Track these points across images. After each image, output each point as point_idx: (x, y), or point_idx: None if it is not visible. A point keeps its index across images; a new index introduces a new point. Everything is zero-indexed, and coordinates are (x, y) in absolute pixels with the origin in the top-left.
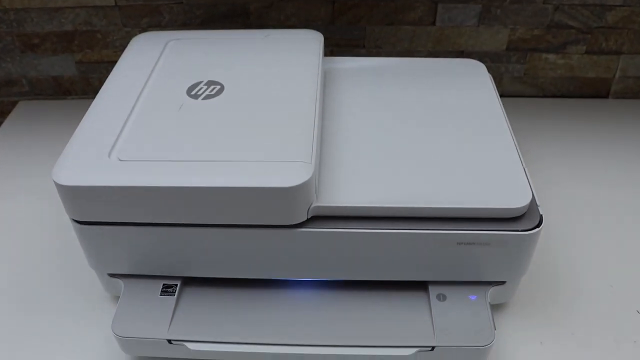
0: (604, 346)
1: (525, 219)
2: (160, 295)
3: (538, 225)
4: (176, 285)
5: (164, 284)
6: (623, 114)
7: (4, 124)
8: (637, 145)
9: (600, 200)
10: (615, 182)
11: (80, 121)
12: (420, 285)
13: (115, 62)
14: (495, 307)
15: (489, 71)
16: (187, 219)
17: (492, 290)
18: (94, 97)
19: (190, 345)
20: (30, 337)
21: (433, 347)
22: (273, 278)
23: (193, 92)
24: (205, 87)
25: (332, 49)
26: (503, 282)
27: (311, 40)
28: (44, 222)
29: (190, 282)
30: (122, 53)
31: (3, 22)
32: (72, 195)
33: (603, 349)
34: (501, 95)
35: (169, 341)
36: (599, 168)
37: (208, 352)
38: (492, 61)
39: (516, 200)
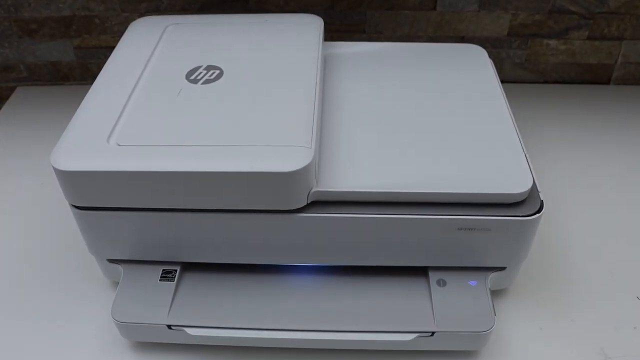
0: (604, 332)
1: (526, 204)
2: (160, 280)
3: (539, 211)
4: (176, 270)
5: (163, 270)
6: (624, 100)
7: (2, 110)
8: (639, 131)
9: (602, 187)
10: (616, 169)
11: (78, 107)
12: (421, 271)
13: (114, 47)
14: (495, 293)
15: (489, 57)
16: (187, 204)
17: (492, 276)
18: (92, 83)
19: (189, 331)
20: (28, 323)
21: (433, 333)
22: (273, 263)
23: (192, 77)
24: (205, 71)
25: (332, 34)
26: (503, 268)
27: (311, 25)
28: (43, 208)
29: (189, 267)
30: (120, 38)
31: (0, 7)
32: (70, 180)
33: (603, 336)
34: (502, 81)
35: (169, 326)
36: (600, 154)
37: (207, 338)
38: (493, 47)
39: (517, 186)
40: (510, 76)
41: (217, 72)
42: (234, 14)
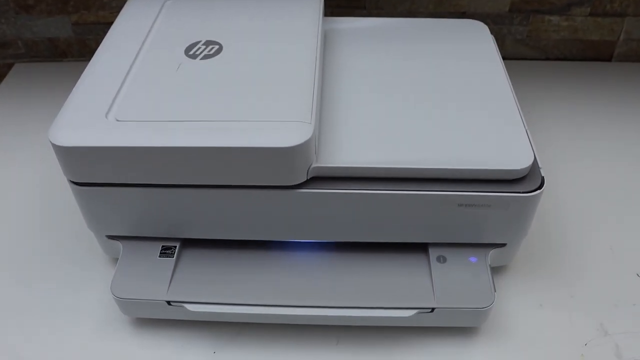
0: (603, 309)
1: (527, 180)
2: (159, 256)
3: (539, 187)
4: (175, 246)
5: (163, 246)
6: (626, 77)
7: (0, 87)
8: None
9: (602, 163)
10: (617, 145)
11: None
12: (421, 247)
13: (112, 23)
14: (495, 270)
15: (491, 33)
16: (186, 180)
17: (492, 252)
18: (90, 59)
19: (189, 307)
20: (28, 300)
21: (433, 309)
22: (272, 239)
23: (191, 52)
24: (204, 47)
25: (332, 10)
26: (503, 245)
27: (311, 0)
28: (42, 184)
29: (189, 243)
30: (118, 14)
31: None
32: (68, 155)
33: (602, 312)
34: (503, 58)
35: (168, 302)
36: (601, 131)
37: (207, 314)
38: (494, 23)
39: (518, 162)
40: (512, 53)
41: (217, 47)
42: None
